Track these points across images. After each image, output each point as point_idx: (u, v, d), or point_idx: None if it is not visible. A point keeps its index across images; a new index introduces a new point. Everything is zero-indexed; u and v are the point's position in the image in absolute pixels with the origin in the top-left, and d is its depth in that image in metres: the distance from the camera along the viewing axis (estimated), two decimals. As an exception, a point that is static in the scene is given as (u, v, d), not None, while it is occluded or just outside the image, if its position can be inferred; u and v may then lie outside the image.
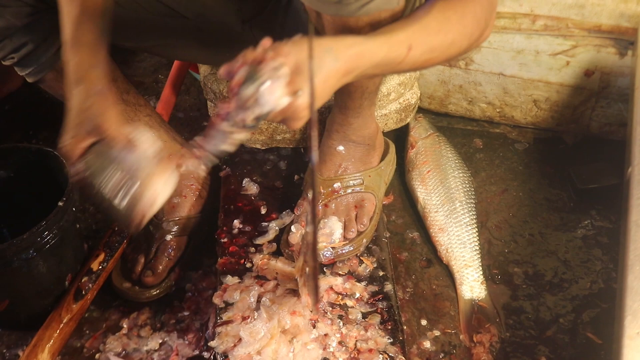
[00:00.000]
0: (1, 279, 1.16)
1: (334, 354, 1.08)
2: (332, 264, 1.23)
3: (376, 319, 1.14)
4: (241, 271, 1.22)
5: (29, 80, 1.16)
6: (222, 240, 1.29)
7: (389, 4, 0.89)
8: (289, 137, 1.48)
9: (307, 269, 1.03)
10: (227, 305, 1.16)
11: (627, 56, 1.39)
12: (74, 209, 1.19)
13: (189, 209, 1.35)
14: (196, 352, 1.18)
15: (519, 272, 1.30)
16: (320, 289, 1.15)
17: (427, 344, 1.18)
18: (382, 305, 1.17)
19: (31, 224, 1.11)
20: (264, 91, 0.77)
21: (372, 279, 1.22)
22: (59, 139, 0.90)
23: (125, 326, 1.25)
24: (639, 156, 1.13)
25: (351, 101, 1.21)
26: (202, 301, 1.28)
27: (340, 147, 1.29)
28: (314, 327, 1.11)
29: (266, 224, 1.30)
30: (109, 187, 0.88)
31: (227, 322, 1.12)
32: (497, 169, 1.51)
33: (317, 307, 1.13)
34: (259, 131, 1.46)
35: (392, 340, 1.11)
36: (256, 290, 1.16)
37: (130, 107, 1.25)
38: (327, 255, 1.22)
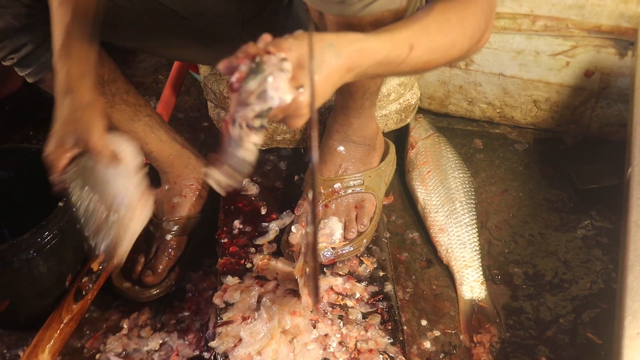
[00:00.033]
0: (1, 279, 1.16)
1: (334, 354, 1.08)
2: (332, 265, 1.23)
3: (376, 319, 1.14)
4: (241, 271, 1.22)
5: (29, 80, 1.16)
6: (222, 240, 1.29)
7: (392, 4, 0.89)
8: (289, 138, 1.48)
9: (307, 270, 1.03)
10: (228, 305, 1.16)
11: (627, 57, 1.39)
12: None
13: (189, 208, 1.35)
14: (196, 353, 1.18)
15: (519, 272, 1.30)
16: (320, 290, 1.15)
17: (427, 344, 1.18)
18: (382, 305, 1.17)
19: (31, 224, 1.11)
20: (268, 85, 0.74)
21: (372, 279, 1.22)
22: (45, 145, 0.93)
23: (125, 326, 1.25)
24: (639, 156, 1.13)
25: (352, 101, 1.21)
26: (202, 301, 1.28)
27: (340, 148, 1.29)
28: (314, 327, 1.11)
29: (266, 224, 1.30)
30: (88, 217, 0.91)
31: (228, 322, 1.12)
32: (497, 170, 1.51)
33: (317, 307, 1.13)
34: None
35: (392, 340, 1.11)
36: (256, 290, 1.16)
37: (130, 108, 1.25)
38: (328, 255, 1.22)
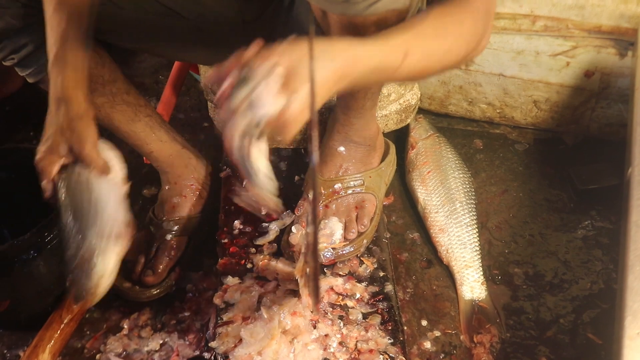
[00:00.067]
0: (2, 279, 1.16)
1: (335, 354, 1.08)
2: (332, 265, 1.23)
3: (377, 320, 1.14)
4: (242, 272, 1.22)
5: (30, 80, 1.16)
6: (222, 240, 1.29)
7: (396, 4, 0.89)
8: (289, 138, 1.48)
9: (307, 270, 1.02)
10: (228, 305, 1.16)
11: (627, 57, 1.39)
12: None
13: (189, 209, 1.35)
14: (197, 353, 1.18)
15: (519, 272, 1.30)
16: (320, 290, 1.15)
17: (427, 345, 1.18)
18: (382, 305, 1.17)
19: (31, 224, 1.11)
20: (259, 93, 0.72)
21: (372, 279, 1.22)
22: (37, 149, 0.94)
23: (125, 327, 1.25)
24: (639, 157, 1.13)
25: (354, 101, 1.21)
26: (202, 302, 1.28)
27: (341, 148, 1.29)
28: (315, 327, 1.11)
29: (267, 224, 1.30)
30: (71, 250, 0.92)
31: (228, 322, 1.12)
32: (497, 170, 1.51)
33: (317, 307, 1.13)
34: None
35: (392, 340, 1.11)
36: (257, 290, 1.16)
37: (130, 108, 1.25)
38: (328, 255, 1.22)
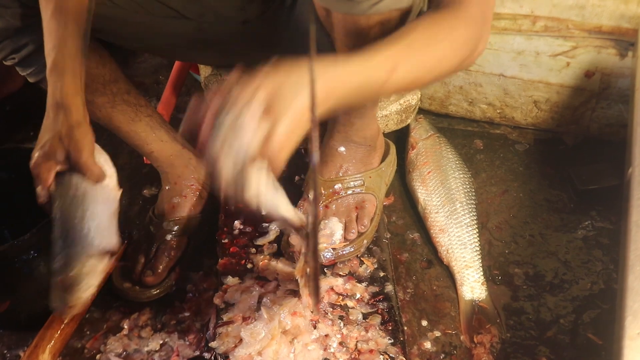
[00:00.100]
0: (2, 279, 1.16)
1: (335, 354, 1.08)
2: (332, 265, 1.23)
3: (377, 320, 1.14)
4: (242, 272, 1.22)
5: (31, 80, 1.16)
6: (222, 240, 1.29)
7: (399, 3, 0.89)
8: (289, 138, 1.48)
9: (307, 270, 1.03)
10: (228, 306, 1.16)
11: (627, 57, 1.39)
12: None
13: (190, 209, 1.35)
14: (197, 353, 1.18)
15: (520, 272, 1.30)
16: (320, 290, 1.15)
17: (427, 345, 1.18)
18: (382, 306, 1.17)
19: (31, 224, 1.11)
20: (241, 120, 0.70)
21: (372, 279, 1.22)
22: (33, 154, 0.95)
23: (126, 327, 1.25)
24: (639, 157, 1.13)
25: (356, 102, 1.21)
26: (202, 302, 1.28)
27: (341, 148, 1.29)
28: (315, 327, 1.11)
29: (267, 224, 1.30)
30: (57, 262, 0.95)
31: (228, 322, 1.12)
32: (497, 170, 1.51)
33: (317, 307, 1.13)
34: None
35: (392, 340, 1.11)
36: (257, 291, 1.16)
37: (131, 108, 1.25)
38: (328, 256, 1.22)
